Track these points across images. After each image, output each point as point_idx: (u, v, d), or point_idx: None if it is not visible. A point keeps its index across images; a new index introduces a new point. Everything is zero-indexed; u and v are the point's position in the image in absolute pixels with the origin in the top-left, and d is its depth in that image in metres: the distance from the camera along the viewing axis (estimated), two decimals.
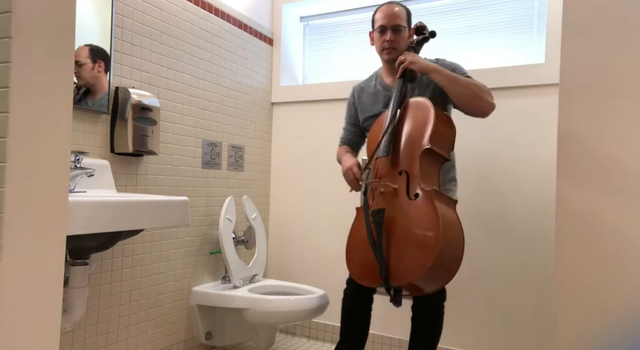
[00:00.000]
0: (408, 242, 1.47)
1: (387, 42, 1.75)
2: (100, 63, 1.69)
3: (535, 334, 2.04)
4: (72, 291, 1.48)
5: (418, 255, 1.43)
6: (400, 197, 1.54)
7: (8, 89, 0.79)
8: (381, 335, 2.34)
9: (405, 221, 1.51)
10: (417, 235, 1.46)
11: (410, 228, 1.49)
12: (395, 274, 1.47)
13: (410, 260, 1.45)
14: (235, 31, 2.40)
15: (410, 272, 1.44)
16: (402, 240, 1.49)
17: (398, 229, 1.51)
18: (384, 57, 1.79)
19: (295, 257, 2.61)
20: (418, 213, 1.49)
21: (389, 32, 1.75)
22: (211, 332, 2.18)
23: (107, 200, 1.30)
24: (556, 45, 1.97)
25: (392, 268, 1.48)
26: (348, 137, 1.97)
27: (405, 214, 1.51)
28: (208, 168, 2.24)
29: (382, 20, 1.76)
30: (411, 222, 1.49)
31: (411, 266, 1.44)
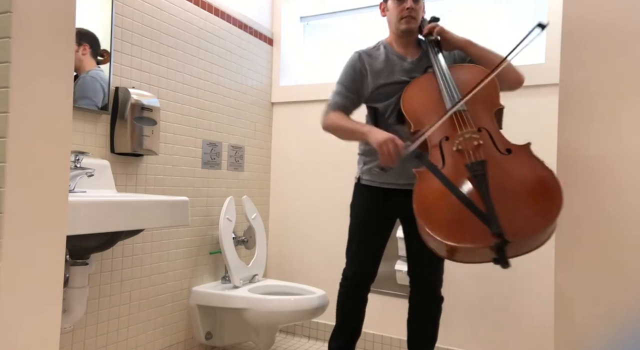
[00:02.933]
0: (525, 194, 1.32)
1: (407, 10, 1.65)
2: (86, 46, 1.64)
3: (535, 334, 2.04)
4: (72, 291, 1.48)
5: (542, 205, 1.27)
6: (491, 151, 1.42)
7: (8, 89, 0.79)
8: (381, 335, 2.34)
9: (512, 174, 1.36)
10: (536, 185, 1.32)
11: (523, 180, 1.35)
12: (512, 228, 1.27)
13: (532, 211, 1.29)
14: (235, 31, 2.40)
15: (533, 225, 1.27)
16: (512, 193, 1.33)
17: (502, 180, 1.35)
18: (402, 26, 1.67)
19: (295, 257, 2.61)
20: (525, 166, 1.37)
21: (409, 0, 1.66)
22: (211, 332, 2.18)
23: (107, 200, 1.30)
24: (556, 45, 1.97)
25: (507, 222, 1.28)
26: (344, 104, 1.74)
27: (509, 167, 1.38)
28: (208, 168, 2.24)
29: None
30: (523, 174, 1.35)
31: (535, 219, 1.27)
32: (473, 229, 1.29)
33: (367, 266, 1.75)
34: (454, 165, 1.42)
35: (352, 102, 1.75)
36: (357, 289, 1.78)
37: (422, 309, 1.76)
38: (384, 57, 1.73)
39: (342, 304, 1.80)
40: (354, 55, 1.77)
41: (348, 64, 1.77)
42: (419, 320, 1.77)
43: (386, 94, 1.69)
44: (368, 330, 2.36)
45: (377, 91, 1.71)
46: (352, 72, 1.75)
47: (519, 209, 1.30)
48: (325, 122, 1.75)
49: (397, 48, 1.75)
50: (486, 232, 1.26)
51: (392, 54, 1.74)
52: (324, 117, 1.75)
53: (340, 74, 1.78)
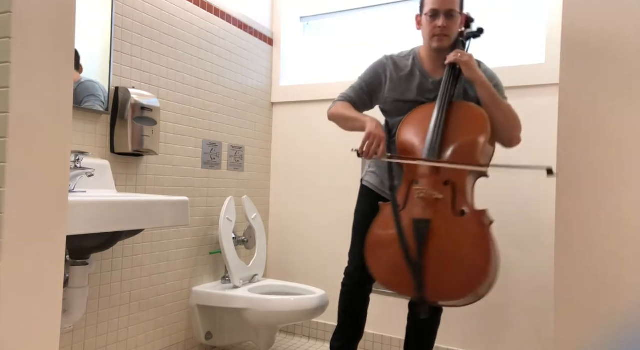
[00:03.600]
0: (454, 262, 1.40)
1: (440, 29, 1.61)
2: None
3: (535, 334, 2.04)
4: (72, 291, 1.48)
5: (464, 279, 1.38)
6: (445, 210, 1.45)
7: (8, 89, 0.79)
8: (381, 335, 2.34)
9: (452, 238, 1.42)
10: (466, 258, 1.39)
11: (458, 248, 1.41)
12: (434, 289, 1.41)
13: (454, 280, 1.39)
14: (235, 31, 2.40)
15: (451, 292, 1.40)
16: (446, 258, 1.41)
17: (442, 244, 1.42)
18: (434, 44, 1.64)
19: (295, 257, 2.61)
20: (468, 233, 1.41)
21: (442, 17, 1.60)
22: (211, 332, 2.18)
23: (107, 200, 1.30)
24: (556, 45, 1.97)
25: (430, 283, 1.41)
26: (354, 98, 1.75)
27: (452, 231, 1.43)
28: (208, 168, 2.24)
29: (434, 4, 1.61)
30: (460, 241, 1.41)
31: (454, 287, 1.39)
32: (403, 278, 1.46)
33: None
34: (409, 213, 1.52)
35: (362, 101, 1.77)
36: (357, 288, 1.78)
37: (420, 322, 1.77)
38: (409, 71, 1.71)
39: (344, 302, 1.80)
40: (381, 58, 1.77)
41: (372, 65, 1.77)
42: (413, 327, 1.79)
43: (398, 110, 1.70)
44: (368, 330, 2.36)
45: (390, 104, 1.73)
46: (372, 74, 1.75)
47: (445, 274, 1.42)
48: (330, 111, 1.77)
49: (425, 62, 1.72)
50: (412, 286, 1.44)
51: (418, 69, 1.71)
52: (331, 106, 1.78)
53: (363, 72, 1.79)
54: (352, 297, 1.80)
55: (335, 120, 1.76)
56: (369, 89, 1.75)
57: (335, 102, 1.77)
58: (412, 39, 1.88)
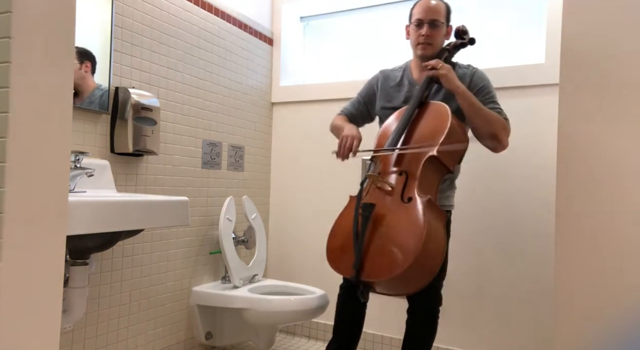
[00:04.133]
0: (388, 243, 1.49)
1: (423, 37, 1.70)
2: (87, 64, 1.67)
3: (535, 335, 2.04)
4: (72, 291, 1.48)
5: (393, 259, 1.45)
6: (394, 197, 1.55)
7: (8, 89, 0.79)
8: (381, 335, 2.34)
9: (391, 221, 1.52)
10: (399, 240, 1.47)
11: (394, 230, 1.50)
12: (368, 269, 1.49)
13: (384, 260, 1.46)
14: (235, 31, 2.40)
15: (380, 271, 1.46)
16: (383, 239, 1.50)
17: (383, 227, 1.52)
18: (418, 52, 1.74)
19: (295, 257, 2.61)
20: (406, 218, 1.49)
21: (426, 26, 1.70)
22: (211, 332, 2.18)
23: (107, 200, 1.30)
24: (556, 45, 1.97)
25: (366, 263, 1.49)
26: (352, 112, 1.91)
27: (394, 215, 1.52)
28: (208, 168, 2.24)
29: (419, 14, 1.71)
30: (397, 224, 1.50)
31: (383, 267, 1.46)
32: (346, 259, 1.55)
33: None
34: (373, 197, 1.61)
35: (360, 112, 1.92)
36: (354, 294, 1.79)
37: (412, 325, 1.78)
38: (398, 81, 1.84)
39: (339, 307, 1.82)
40: (375, 74, 1.92)
41: (368, 80, 1.93)
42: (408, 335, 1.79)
43: (387, 117, 1.80)
44: (368, 330, 2.36)
45: (380, 112, 1.86)
46: (367, 87, 1.92)
47: (377, 253, 1.49)
48: (330, 124, 1.94)
49: (414, 72, 1.83)
50: (350, 264, 1.52)
51: (407, 79, 1.82)
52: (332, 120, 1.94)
53: (362, 87, 1.95)
54: (348, 300, 1.81)
55: (331, 131, 1.92)
56: (365, 101, 1.91)
57: (336, 116, 1.93)
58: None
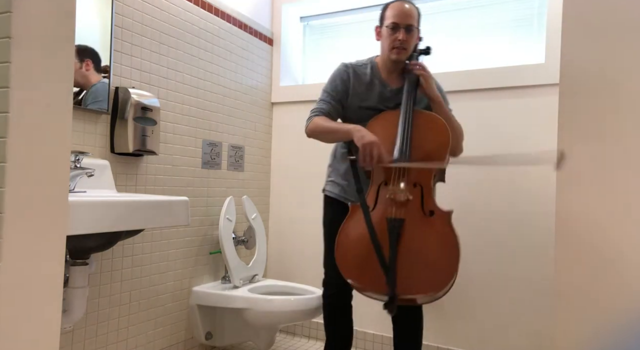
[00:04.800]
0: (424, 259, 1.48)
1: (400, 41, 1.68)
2: (88, 62, 1.66)
3: (534, 335, 2.04)
4: (72, 291, 1.48)
5: (434, 275, 1.46)
6: (415, 210, 1.54)
7: (8, 89, 0.79)
8: (381, 335, 2.34)
9: (422, 237, 1.51)
10: (435, 256, 1.48)
11: (427, 246, 1.50)
12: (404, 286, 1.47)
13: (424, 276, 1.46)
14: (235, 31, 2.40)
15: (421, 287, 1.46)
16: (417, 255, 1.49)
17: (414, 242, 1.50)
18: (393, 56, 1.71)
19: (295, 257, 2.61)
20: (436, 233, 1.51)
21: (402, 31, 1.68)
22: (211, 332, 2.18)
23: (107, 200, 1.30)
24: (556, 45, 1.97)
25: (401, 279, 1.47)
26: (329, 110, 1.76)
27: (422, 230, 1.52)
28: (208, 168, 2.24)
29: (395, 18, 1.69)
30: (428, 239, 1.50)
31: (423, 283, 1.46)
32: (374, 276, 1.51)
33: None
34: (381, 213, 1.59)
35: (336, 110, 1.78)
36: (339, 297, 1.82)
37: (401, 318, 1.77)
38: (369, 80, 1.77)
39: (329, 314, 1.84)
40: (341, 67, 1.80)
41: (335, 74, 1.79)
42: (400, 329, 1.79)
43: (360, 117, 1.73)
44: (368, 330, 2.36)
45: (353, 111, 1.77)
46: (339, 82, 1.77)
47: (416, 271, 1.48)
48: (309, 128, 1.76)
49: (383, 72, 1.78)
50: (383, 283, 1.49)
51: (376, 78, 1.78)
52: (308, 123, 1.76)
53: (327, 83, 1.80)
54: (336, 307, 1.83)
55: (316, 135, 1.75)
56: (339, 97, 1.77)
57: (310, 119, 1.76)
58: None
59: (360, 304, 2.30)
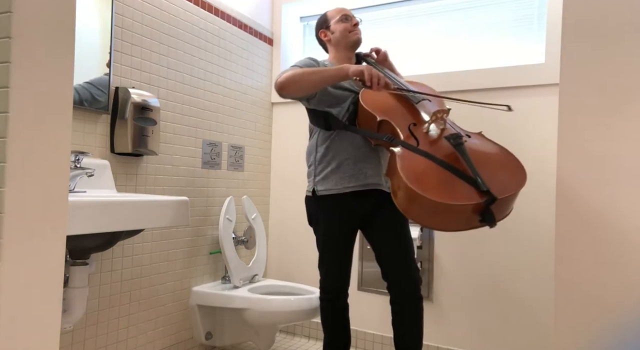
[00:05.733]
0: (496, 162, 1.51)
1: (354, 26, 1.84)
2: None
3: (535, 333, 2.04)
4: (72, 291, 1.48)
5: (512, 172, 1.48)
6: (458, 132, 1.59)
7: (8, 89, 0.79)
8: (381, 335, 2.34)
9: (481, 146, 1.55)
10: (504, 157, 1.52)
11: (491, 151, 1.54)
12: (498, 187, 1.42)
13: (507, 176, 1.47)
14: (235, 31, 2.40)
15: (512, 184, 1.45)
16: (488, 160, 1.51)
17: (477, 152, 1.52)
18: (353, 37, 1.83)
19: (295, 257, 2.61)
20: (487, 144, 1.57)
21: (353, 18, 1.86)
22: (211, 332, 2.18)
23: (107, 200, 1.30)
24: (556, 45, 1.97)
25: (490, 182, 1.42)
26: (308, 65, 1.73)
27: (476, 142, 1.57)
28: (208, 168, 2.24)
29: (343, 12, 1.86)
30: (488, 147, 1.56)
31: (511, 180, 1.46)
32: (462, 190, 1.41)
33: (344, 274, 1.79)
34: (431, 141, 1.55)
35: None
36: (336, 300, 1.81)
37: (404, 311, 1.74)
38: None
39: (328, 317, 1.83)
40: (307, 58, 1.79)
41: (302, 60, 1.77)
42: (402, 323, 1.75)
43: (337, 97, 1.72)
44: (368, 330, 2.36)
45: (329, 91, 1.71)
46: (309, 62, 1.75)
47: (496, 174, 1.46)
48: (282, 80, 1.63)
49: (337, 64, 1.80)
50: (474, 192, 1.39)
51: None
52: (280, 76, 1.66)
53: (300, 61, 1.77)
54: (334, 309, 1.82)
55: (291, 85, 1.62)
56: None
57: (284, 72, 1.66)
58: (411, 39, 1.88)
59: (360, 304, 2.31)
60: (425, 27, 2.40)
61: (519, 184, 1.45)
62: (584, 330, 0.95)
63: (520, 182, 1.46)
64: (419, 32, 2.41)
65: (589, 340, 0.94)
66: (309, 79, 1.61)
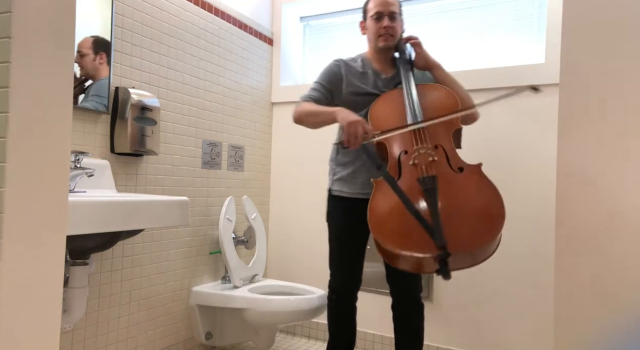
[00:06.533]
0: (469, 208, 1.43)
1: (384, 29, 1.73)
2: (102, 55, 1.68)
3: (535, 335, 2.04)
4: (72, 291, 1.48)
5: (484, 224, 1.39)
6: (444, 168, 1.51)
7: (8, 89, 0.79)
8: (381, 335, 2.34)
9: (459, 191, 1.46)
10: (479, 205, 1.43)
11: (468, 198, 1.44)
12: (455, 242, 1.37)
13: (476, 224, 1.39)
14: (235, 31, 2.40)
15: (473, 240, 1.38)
16: (459, 207, 1.43)
17: (451, 196, 1.45)
18: (380, 43, 1.76)
19: (295, 257, 2.61)
20: (473, 184, 1.47)
21: (386, 18, 1.73)
22: (211, 332, 2.18)
23: (107, 200, 1.30)
24: (556, 45, 1.97)
25: (450, 236, 1.38)
26: (318, 97, 1.78)
27: (457, 185, 1.47)
28: (208, 168, 2.24)
29: (378, 7, 1.75)
30: (469, 193, 1.45)
31: (474, 235, 1.38)
32: (420, 239, 1.40)
33: (353, 275, 1.78)
34: (409, 178, 1.52)
35: (325, 98, 1.79)
36: (346, 300, 1.81)
37: (404, 318, 1.77)
38: (361, 69, 1.80)
39: (334, 317, 1.83)
40: (333, 62, 1.83)
41: (327, 68, 1.83)
42: (402, 329, 1.78)
43: (357, 103, 1.72)
44: (368, 330, 2.36)
45: (349, 98, 1.75)
46: (330, 74, 1.80)
47: (463, 225, 1.40)
48: (295, 112, 1.76)
49: (374, 63, 1.81)
50: (431, 244, 1.37)
51: (369, 68, 1.81)
52: (296, 107, 1.77)
53: (318, 75, 1.84)
54: (342, 311, 1.82)
55: (302, 120, 1.75)
56: (330, 87, 1.79)
57: (298, 104, 1.77)
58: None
59: (360, 304, 2.30)
60: (425, 27, 2.40)
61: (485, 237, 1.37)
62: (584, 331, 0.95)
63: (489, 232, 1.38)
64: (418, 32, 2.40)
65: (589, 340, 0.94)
66: (310, 121, 1.74)
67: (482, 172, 1.49)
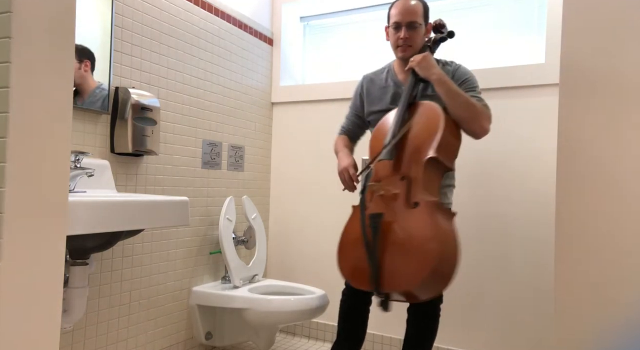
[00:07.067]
0: (404, 251, 1.45)
1: (402, 40, 1.71)
2: (87, 62, 1.66)
3: (534, 335, 2.04)
4: (72, 291, 1.48)
5: (413, 266, 1.42)
6: (400, 203, 1.52)
7: (8, 89, 0.79)
8: (381, 335, 2.34)
9: (403, 229, 1.49)
10: (415, 246, 1.44)
11: (408, 237, 1.47)
12: (387, 280, 1.46)
13: (404, 269, 1.43)
14: (235, 31, 2.40)
15: (402, 281, 1.43)
16: (398, 248, 1.47)
17: (394, 235, 1.49)
18: (398, 54, 1.76)
19: (296, 257, 2.61)
20: (417, 222, 1.46)
21: (404, 29, 1.70)
22: (211, 332, 2.18)
23: (107, 200, 1.30)
24: (556, 45, 1.97)
25: (384, 274, 1.46)
26: (349, 127, 1.94)
27: (404, 222, 1.49)
28: (208, 168, 2.24)
29: (396, 16, 1.71)
30: (409, 230, 1.47)
31: (404, 275, 1.43)
32: (363, 273, 1.53)
33: None
34: (370, 211, 1.59)
35: (356, 125, 1.93)
36: (356, 297, 1.80)
37: (417, 326, 1.78)
38: (383, 83, 1.84)
39: (344, 312, 1.83)
40: (360, 81, 1.93)
41: (355, 89, 1.94)
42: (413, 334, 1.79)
43: (377, 120, 1.78)
44: (368, 330, 2.35)
45: (370, 116, 1.85)
46: (354, 98, 1.93)
47: (396, 265, 1.47)
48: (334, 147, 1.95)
49: (398, 73, 1.83)
50: (368, 278, 1.50)
51: (392, 80, 1.83)
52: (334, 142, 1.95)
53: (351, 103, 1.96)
54: (351, 306, 1.82)
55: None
56: (356, 112, 1.92)
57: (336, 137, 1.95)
58: None
59: None
60: None
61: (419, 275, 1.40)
62: (584, 331, 0.95)
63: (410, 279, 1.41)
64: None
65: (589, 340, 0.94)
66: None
67: (433, 211, 1.47)
